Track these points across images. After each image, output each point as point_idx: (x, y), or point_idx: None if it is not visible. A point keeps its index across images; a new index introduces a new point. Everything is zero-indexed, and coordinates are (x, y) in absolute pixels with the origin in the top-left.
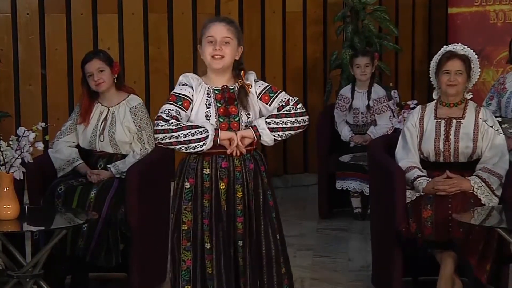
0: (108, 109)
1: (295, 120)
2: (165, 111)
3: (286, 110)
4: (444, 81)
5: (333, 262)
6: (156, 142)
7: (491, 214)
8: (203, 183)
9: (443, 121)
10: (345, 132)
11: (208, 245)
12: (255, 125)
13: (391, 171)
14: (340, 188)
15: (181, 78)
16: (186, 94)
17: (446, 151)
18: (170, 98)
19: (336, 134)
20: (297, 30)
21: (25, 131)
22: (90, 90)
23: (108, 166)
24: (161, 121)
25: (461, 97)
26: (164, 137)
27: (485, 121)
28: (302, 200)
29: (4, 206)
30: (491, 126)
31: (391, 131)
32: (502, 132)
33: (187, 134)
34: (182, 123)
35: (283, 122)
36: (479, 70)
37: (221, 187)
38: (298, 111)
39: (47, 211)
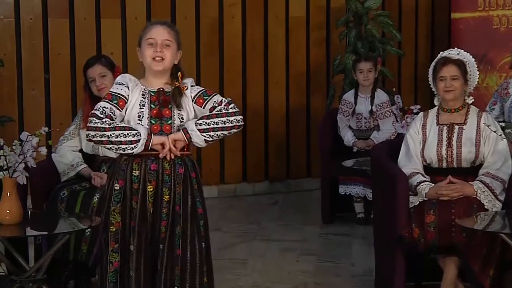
0: None
1: (227, 120)
2: (99, 108)
3: (217, 111)
4: (441, 88)
5: (336, 267)
6: (87, 139)
7: (494, 219)
8: (132, 185)
9: (445, 127)
10: (348, 137)
11: (132, 247)
12: (185, 127)
13: (394, 176)
14: (343, 193)
15: (118, 78)
16: (121, 93)
17: (448, 157)
18: (106, 96)
19: (339, 139)
20: (300, 35)
21: (28, 135)
22: (92, 95)
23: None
24: (94, 118)
25: (461, 102)
26: (95, 135)
27: (487, 126)
28: (305, 205)
29: (7, 211)
30: (494, 131)
31: (394, 136)
32: (504, 137)
33: (119, 135)
34: (115, 122)
35: (214, 122)
36: (478, 73)
37: (149, 189)
38: (230, 111)
39: (50, 216)
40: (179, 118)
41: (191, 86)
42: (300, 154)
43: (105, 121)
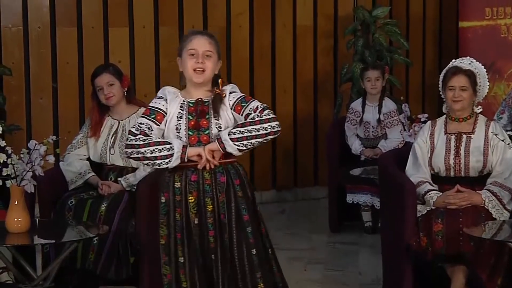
0: (119, 123)
1: (261, 127)
2: (135, 125)
3: (251, 118)
4: (449, 97)
5: (344, 276)
6: (127, 156)
7: (502, 228)
8: (175, 197)
9: (453, 136)
10: (355, 146)
11: (181, 259)
12: (219, 137)
13: (402, 185)
14: (351, 202)
15: (159, 91)
16: (159, 107)
17: (456, 166)
18: (145, 112)
19: (346, 147)
20: (307, 43)
21: (36, 144)
22: (100, 104)
23: (119, 179)
24: (130, 136)
25: (469, 111)
26: (132, 152)
27: (495, 135)
28: (312, 214)
29: (15, 219)
30: (502, 140)
31: (402, 145)
32: None
33: (154, 150)
34: (150, 138)
35: (247, 130)
36: (488, 84)
37: (190, 201)
38: (264, 117)
39: (57, 224)
40: (216, 127)
41: (231, 93)
42: (307, 163)
43: (139, 138)
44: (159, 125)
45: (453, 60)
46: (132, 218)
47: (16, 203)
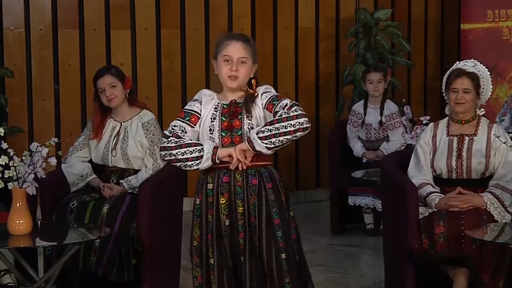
0: (121, 124)
1: (288, 124)
2: (169, 127)
3: (279, 116)
4: (452, 99)
5: (346, 278)
6: (162, 159)
7: (504, 231)
8: (207, 199)
9: (455, 138)
10: (357, 148)
11: (212, 260)
12: (249, 136)
13: (404, 187)
14: (353, 204)
15: (196, 94)
16: (194, 109)
17: (458, 168)
18: (179, 115)
19: (348, 149)
20: (309, 46)
21: (38, 146)
22: (102, 106)
23: (121, 181)
24: (163, 138)
25: (472, 114)
26: (165, 155)
27: (497, 137)
28: (314, 216)
29: (17, 221)
30: (504, 142)
31: (404, 147)
32: None
33: (185, 152)
34: (182, 140)
35: (275, 128)
36: (491, 86)
37: (221, 202)
38: (291, 114)
39: (59, 226)
40: (249, 127)
41: (264, 92)
42: (309, 165)
43: (171, 140)
44: (193, 127)
45: (457, 62)
46: (134, 221)
47: (18, 205)
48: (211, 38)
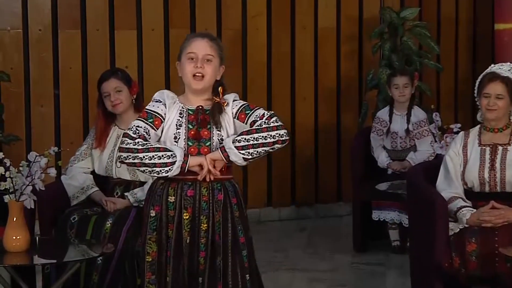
0: None
1: (268, 135)
2: (132, 127)
3: (258, 125)
4: (483, 105)
5: None
6: (120, 160)
7: None
8: (168, 212)
9: (488, 148)
10: (382, 158)
11: (169, 278)
12: (223, 145)
13: (432, 201)
14: (377, 219)
15: (156, 94)
16: (157, 111)
17: (491, 181)
18: (141, 115)
19: (372, 160)
20: (329, 47)
21: (36, 156)
22: (106, 112)
23: (125, 194)
24: (127, 139)
25: (505, 121)
26: (128, 157)
27: None
28: (335, 232)
29: (14, 237)
30: None
31: (432, 157)
32: None
33: (153, 156)
34: (149, 143)
35: (253, 138)
36: None
37: (185, 217)
38: (271, 125)
39: (59, 243)
40: (218, 139)
41: (234, 101)
42: (329, 177)
43: (138, 142)
44: (156, 131)
45: (492, 65)
46: (139, 236)
47: (14, 219)
48: (224, 39)
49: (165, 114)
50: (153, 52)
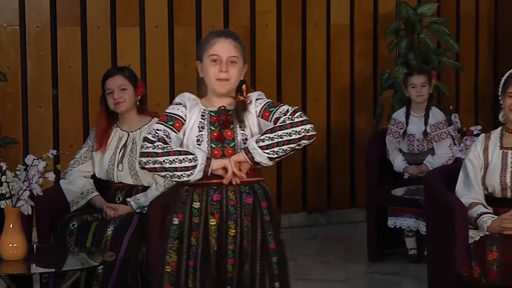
0: (128, 134)
1: (293, 131)
2: (151, 131)
3: (281, 122)
4: (507, 104)
5: None
6: (140, 166)
7: None
8: (192, 219)
9: (510, 151)
10: (398, 162)
11: None
12: (246, 146)
13: (451, 207)
14: (393, 226)
15: (176, 98)
16: (178, 113)
17: None
18: (161, 118)
19: (387, 164)
20: (343, 45)
21: (34, 159)
22: (109, 111)
23: (128, 199)
24: (146, 143)
25: None
26: (147, 161)
27: None
28: (348, 240)
29: (10, 245)
30: None
31: (451, 161)
32: None
33: (174, 160)
34: (169, 146)
35: (278, 136)
36: None
37: (211, 223)
38: (295, 120)
39: (58, 251)
40: (242, 138)
41: (257, 99)
42: (342, 181)
43: (158, 145)
44: (177, 133)
45: None
46: (142, 244)
47: (11, 226)
48: None
49: (185, 115)
50: (157, 51)
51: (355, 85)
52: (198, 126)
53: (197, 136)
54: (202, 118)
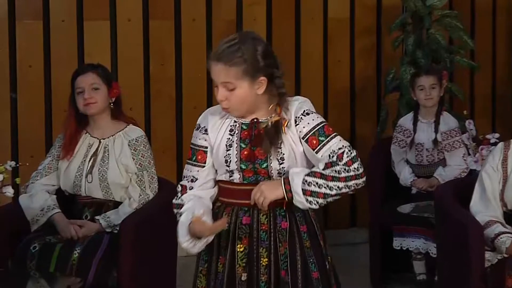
0: (100, 142)
1: (345, 185)
2: (183, 177)
3: (335, 171)
4: None
5: None
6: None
7: None
8: (220, 242)
9: None
10: (405, 175)
11: None
12: (288, 184)
13: (465, 226)
14: (399, 248)
15: (200, 117)
16: (199, 144)
17: None
18: (188, 153)
19: (393, 177)
20: (342, 41)
21: None
22: (78, 114)
23: (96, 217)
24: (178, 189)
25: None
26: (176, 213)
27: None
28: (349, 263)
29: None
30: None
31: (465, 174)
32: None
33: (178, 228)
34: (179, 213)
35: (327, 186)
36: None
37: (239, 249)
38: (351, 173)
39: (16, 277)
40: (277, 159)
41: (304, 114)
42: (342, 198)
43: (179, 205)
44: (204, 166)
45: None
46: (113, 268)
47: None
48: (215, 32)
49: (206, 140)
50: (130, 48)
51: (356, 87)
52: (226, 145)
53: (224, 157)
54: (230, 134)
